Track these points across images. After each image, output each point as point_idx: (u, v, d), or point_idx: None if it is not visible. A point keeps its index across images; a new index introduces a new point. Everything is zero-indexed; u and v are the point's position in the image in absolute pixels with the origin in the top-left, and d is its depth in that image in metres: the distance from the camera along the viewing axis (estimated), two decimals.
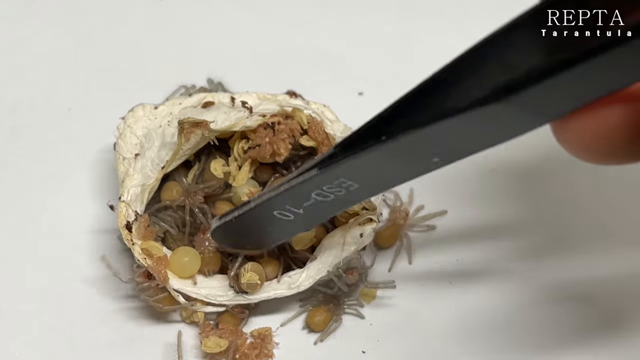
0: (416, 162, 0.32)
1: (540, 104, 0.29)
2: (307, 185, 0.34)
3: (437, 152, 0.31)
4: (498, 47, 0.30)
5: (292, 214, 0.36)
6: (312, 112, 0.41)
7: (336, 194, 0.34)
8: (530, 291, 0.42)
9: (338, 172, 0.33)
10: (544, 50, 0.29)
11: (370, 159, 0.32)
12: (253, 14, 0.53)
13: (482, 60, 0.30)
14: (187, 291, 0.40)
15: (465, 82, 0.30)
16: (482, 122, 0.29)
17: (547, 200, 0.45)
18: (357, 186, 0.34)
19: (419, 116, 0.30)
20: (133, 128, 0.42)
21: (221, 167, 0.41)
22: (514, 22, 0.29)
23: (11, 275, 0.42)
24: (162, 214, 0.41)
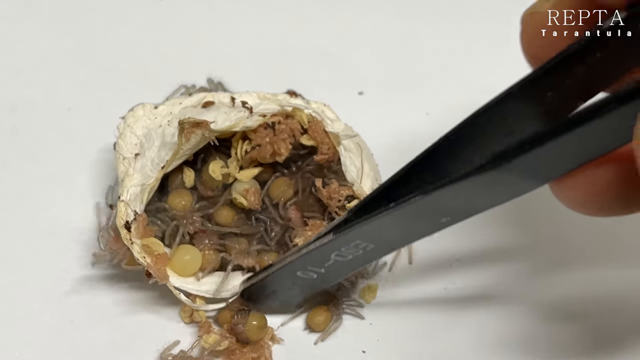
0: (426, 223, 0.34)
1: (535, 168, 0.31)
2: (325, 249, 0.36)
3: (444, 214, 0.33)
4: (494, 116, 0.32)
5: (314, 273, 0.38)
6: (312, 111, 0.41)
7: (354, 254, 0.36)
8: (529, 290, 0.42)
9: (352, 236, 0.35)
10: (537, 118, 0.31)
11: (381, 223, 0.34)
12: (253, 14, 0.53)
13: (480, 129, 0.32)
14: (187, 288, 0.40)
15: (464, 150, 0.33)
16: (483, 187, 0.31)
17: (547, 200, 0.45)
18: (372, 246, 0.36)
19: (423, 184, 0.32)
20: (133, 128, 0.42)
21: (219, 169, 0.41)
22: (509, 90, 0.32)
23: (11, 275, 0.42)
24: (161, 215, 0.41)
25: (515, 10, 0.53)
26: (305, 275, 0.38)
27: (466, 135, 0.33)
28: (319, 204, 0.41)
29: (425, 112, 0.49)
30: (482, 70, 0.50)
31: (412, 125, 0.48)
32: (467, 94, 0.49)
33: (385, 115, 0.49)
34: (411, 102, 0.49)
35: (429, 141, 0.47)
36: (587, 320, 0.41)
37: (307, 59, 0.51)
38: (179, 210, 0.41)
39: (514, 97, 0.32)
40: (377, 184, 0.41)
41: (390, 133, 0.47)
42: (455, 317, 0.41)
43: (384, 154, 0.43)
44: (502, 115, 0.32)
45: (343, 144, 0.40)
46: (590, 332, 0.41)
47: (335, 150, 0.40)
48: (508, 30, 0.52)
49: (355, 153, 0.41)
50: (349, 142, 0.41)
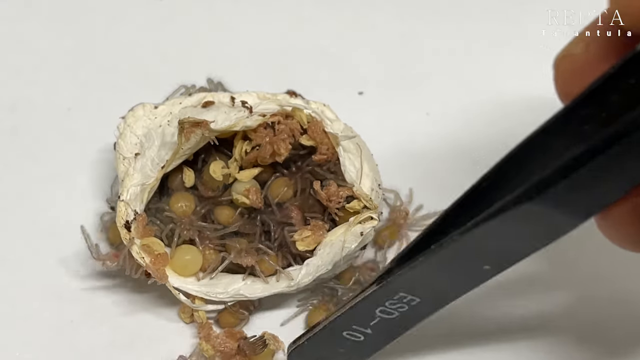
0: (468, 271, 0.33)
1: (573, 199, 0.29)
2: (369, 302, 0.35)
3: (485, 259, 0.32)
4: (530, 154, 0.31)
5: (360, 334, 0.37)
6: (312, 111, 0.41)
7: (399, 310, 0.35)
8: (530, 290, 0.42)
9: (396, 286, 0.34)
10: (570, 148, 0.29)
11: (423, 269, 0.33)
12: (253, 14, 0.53)
13: (516, 168, 0.31)
14: (187, 289, 0.40)
15: (500, 188, 0.31)
16: (519, 223, 0.30)
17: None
18: (418, 300, 0.34)
19: (461, 224, 0.31)
20: (133, 127, 0.42)
21: (220, 170, 0.41)
22: (544, 126, 0.30)
23: (11, 275, 0.42)
24: (161, 215, 0.41)
25: (515, 10, 0.53)
26: (352, 337, 0.36)
27: (503, 174, 0.31)
28: (319, 204, 0.41)
29: (425, 112, 0.49)
30: (482, 70, 0.50)
31: (412, 125, 0.48)
32: (467, 94, 0.49)
33: (385, 115, 0.49)
34: (411, 102, 0.49)
35: (429, 141, 0.47)
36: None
37: (307, 59, 0.51)
38: (179, 214, 0.41)
39: (550, 133, 0.30)
40: (377, 184, 0.41)
41: (390, 133, 0.47)
42: (455, 317, 0.41)
43: (384, 154, 0.43)
44: (539, 152, 0.31)
45: (342, 145, 0.40)
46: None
47: (334, 150, 0.40)
48: (508, 30, 0.52)
49: (355, 153, 0.41)
50: (348, 142, 0.41)
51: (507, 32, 0.52)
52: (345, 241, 0.39)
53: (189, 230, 0.40)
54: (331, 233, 0.40)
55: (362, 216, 0.40)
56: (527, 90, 0.47)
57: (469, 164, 0.46)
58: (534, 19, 0.52)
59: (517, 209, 0.29)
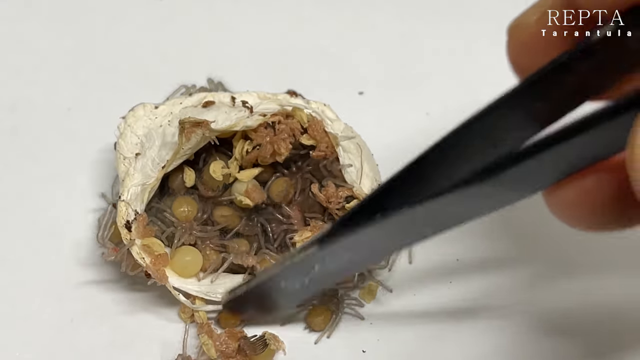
0: (410, 234, 0.34)
1: (523, 181, 0.30)
2: (308, 260, 0.36)
3: (429, 225, 0.33)
4: (482, 127, 0.31)
5: (298, 284, 0.37)
6: (312, 111, 0.41)
7: (337, 263, 0.36)
8: (530, 289, 0.42)
9: (336, 248, 0.35)
10: (526, 129, 0.30)
11: (366, 235, 0.34)
12: (253, 14, 0.53)
13: (468, 140, 0.32)
14: (186, 289, 0.40)
15: (451, 161, 0.32)
16: (470, 199, 0.31)
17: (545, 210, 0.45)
18: (357, 257, 0.35)
19: (408, 196, 0.32)
20: (134, 127, 0.42)
21: (220, 170, 0.41)
22: (496, 101, 0.31)
23: (11, 275, 0.42)
24: (162, 215, 0.41)
25: (516, 11, 0.53)
26: (289, 287, 0.37)
27: (453, 146, 0.32)
28: (320, 204, 0.41)
29: (425, 112, 0.49)
30: (482, 70, 0.50)
31: (412, 125, 0.48)
32: (467, 94, 0.49)
33: (385, 115, 0.49)
34: (411, 102, 0.49)
35: (429, 141, 0.47)
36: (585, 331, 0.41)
37: (307, 59, 0.51)
38: (181, 218, 0.41)
39: (502, 108, 0.31)
40: (377, 184, 0.41)
41: (390, 133, 0.47)
42: (455, 317, 0.41)
43: (384, 154, 0.43)
44: (490, 126, 0.31)
45: (342, 145, 0.40)
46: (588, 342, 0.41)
47: (334, 149, 0.40)
48: None
49: (355, 153, 0.41)
50: (348, 142, 0.41)
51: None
52: None
53: (189, 236, 0.40)
54: None
55: None
56: None
57: None
58: None
59: (465, 189, 0.30)
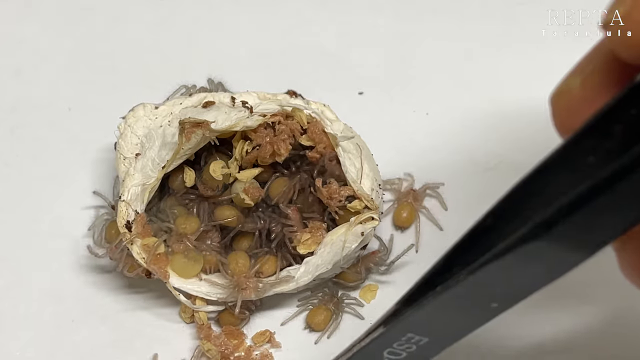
0: (475, 309, 0.32)
1: (580, 235, 0.29)
2: (376, 344, 0.34)
3: (492, 297, 0.32)
4: (534, 188, 0.30)
5: None
6: (312, 112, 0.41)
7: (407, 350, 0.34)
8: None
9: (403, 327, 0.33)
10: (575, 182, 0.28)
11: (430, 310, 0.32)
12: (253, 14, 0.53)
13: (520, 203, 0.31)
14: (187, 289, 0.40)
15: (505, 224, 0.31)
16: (525, 261, 0.30)
17: None
18: (426, 340, 0.34)
19: (466, 264, 0.31)
20: (134, 128, 0.42)
21: (220, 169, 0.41)
22: (547, 159, 0.30)
23: (11, 275, 0.42)
24: (162, 215, 0.41)
25: (515, 10, 0.53)
26: None
27: (507, 211, 0.31)
28: (319, 204, 0.41)
29: (425, 112, 0.49)
30: (481, 70, 0.50)
31: (412, 125, 0.48)
32: (467, 94, 0.49)
33: (385, 115, 0.49)
34: (411, 102, 0.49)
35: (429, 141, 0.47)
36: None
37: (307, 59, 0.51)
38: (180, 231, 0.40)
39: (552, 168, 0.30)
40: (377, 184, 0.41)
41: (390, 133, 0.47)
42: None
43: (384, 154, 0.43)
44: (542, 186, 0.30)
45: (342, 145, 0.40)
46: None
47: (332, 148, 0.40)
48: (508, 30, 0.52)
49: (355, 154, 0.41)
50: (348, 142, 0.41)
51: (507, 33, 0.52)
52: (346, 241, 0.40)
53: (181, 244, 0.40)
54: (332, 233, 0.40)
55: (363, 216, 0.40)
56: (526, 91, 0.47)
57: (469, 164, 0.46)
58: (534, 19, 0.52)
59: (522, 248, 0.29)
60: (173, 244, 0.40)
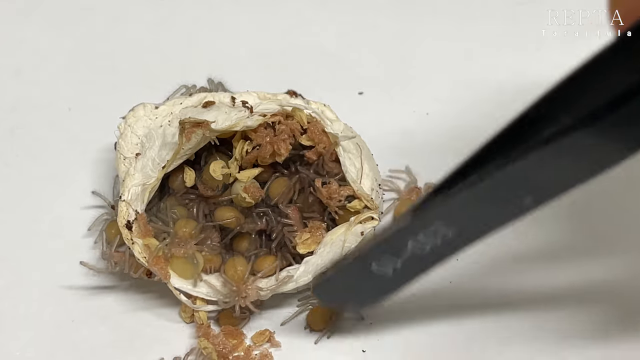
0: (508, 203, 0.31)
1: (623, 131, 0.28)
2: (402, 233, 0.34)
3: (528, 191, 0.31)
4: (581, 80, 0.29)
5: (390, 269, 0.35)
6: (312, 111, 0.41)
7: (432, 243, 0.34)
8: (530, 290, 0.42)
9: (432, 216, 0.33)
10: (625, 77, 0.28)
11: (461, 200, 0.31)
12: (253, 14, 0.53)
13: (568, 96, 0.29)
14: (187, 289, 0.40)
15: (550, 115, 0.30)
16: (567, 154, 0.29)
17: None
18: (452, 233, 0.33)
19: (505, 152, 0.30)
20: (134, 127, 0.42)
21: (220, 169, 0.41)
22: (599, 53, 0.29)
23: (11, 275, 0.42)
24: (162, 214, 0.41)
25: (515, 10, 0.53)
26: (380, 271, 0.35)
27: (551, 104, 0.30)
28: (319, 204, 0.41)
29: (425, 112, 0.49)
30: (481, 70, 0.50)
31: (412, 125, 0.48)
32: (467, 94, 0.49)
33: (385, 115, 0.49)
34: (411, 102, 0.49)
35: (429, 141, 0.47)
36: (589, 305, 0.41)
37: (307, 59, 0.51)
38: (180, 234, 0.40)
39: (602, 62, 0.29)
40: (377, 184, 0.41)
41: (390, 133, 0.47)
42: (456, 316, 0.41)
43: (384, 154, 0.43)
44: (590, 82, 0.29)
45: (342, 145, 0.40)
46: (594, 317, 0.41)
47: (330, 147, 0.40)
48: (508, 30, 0.52)
49: (355, 153, 0.41)
50: (348, 142, 0.41)
51: (507, 32, 0.52)
52: (346, 240, 0.40)
53: (179, 248, 0.40)
54: (331, 232, 0.40)
55: (362, 216, 0.40)
56: (526, 91, 0.47)
57: None
58: (534, 19, 0.52)
59: (567, 139, 0.28)
60: (173, 248, 0.40)
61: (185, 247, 0.40)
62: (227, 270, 0.40)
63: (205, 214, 0.41)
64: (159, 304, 0.41)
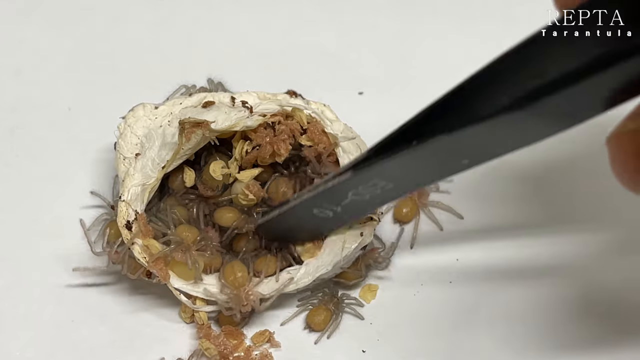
0: (446, 163, 0.33)
1: (564, 110, 0.29)
2: (342, 187, 0.35)
3: (466, 155, 0.32)
4: (523, 57, 0.30)
5: (330, 212, 0.38)
6: (312, 112, 0.41)
7: (372, 193, 0.36)
8: (529, 291, 0.42)
9: (371, 174, 0.34)
10: (567, 58, 0.29)
11: (402, 161, 0.33)
12: (253, 14, 0.53)
13: (508, 69, 0.31)
14: (187, 289, 0.40)
15: (491, 89, 0.31)
16: (507, 127, 0.30)
17: (547, 201, 0.45)
18: (391, 186, 0.35)
19: (448, 122, 0.31)
20: (134, 128, 0.42)
21: (220, 169, 0.41)
22: (537, 33, 0.30)
23: (11, 275, 0.42)
24: (162, 214, 0.41)
25: (515, 10, 0.53)
26: (322, 214, 0.38)
27: (494, 75, 0.31)
28: None
29: None
30: None
31: None
32: None
33: (385, 115, 0.48)
34: (411, 102, 0.49)
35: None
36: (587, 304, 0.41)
37: (307, 59, 0.51)
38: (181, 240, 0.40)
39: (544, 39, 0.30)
40: None
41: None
42: (455, 317, 0.41)
43: None
44: (530, 56, 0.30)
45: (342, 146, 0.40)
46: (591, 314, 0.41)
47: (330, 147, 0.40)
48: (508, 30, 0.52)
49: (355, 154, 0.41)
50: (348, 143, 0.41)
51: (507, 32, 0.52)
52: (345, 242, 0.40)
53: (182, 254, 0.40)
54: (331, 233, 0.40)
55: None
56: None
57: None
58: (534, 19, 0.52)
59: (506, 115, 0.29)
60: (174, 253, 0.39)
61: (187, 253, 0.39)
62: (227, 276, 0.40)
63: (205, 214, 0.41)
64: (159, 304, 0.41)
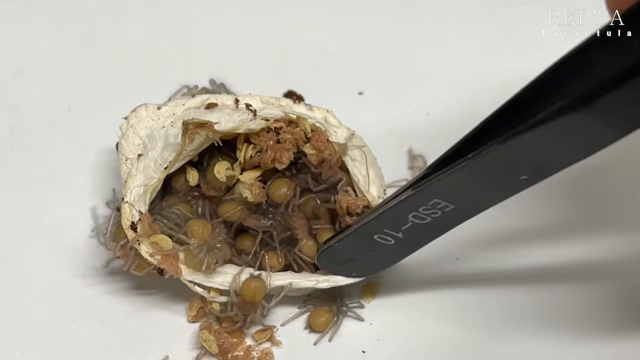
0: (504, 179, 0.33)
1: (619, 112, 0.29)
2: (402, 207, 0.35)
3: (524, 169, 0.32)
4: (576, 65, 0.30)
5: (392, 238, 0.37)
6: (315, 120, 0.41)
7: (432, 216, 0.35)
8: (530, 290, 0.42)
9: (431, 192, 0.34)
10: (620, 57, 0.29)
11: (460, 177, 0.33)
12: (254, 14, 0.53)
13: (562, 79, 0.31)
14: (200, 280, 0.39)
15: (544, 96, 0.31)
16: (561, 134, 0.30)
17: (546, 201, 0.45)
18: (451, 207, 0.35)
19: (501, 132, 0.31)
20: (136, 128, 0.42)
21: (224, 171, 0.40)
22: (591, 39, 0.30)
23: (11, 275, 0.42)
24: (165, 212, 0.41)
25: (515, 10, 0.53)
26: (383, 240, 0.37)
27: (546, 86, 0.31)
28: (327, 210, 0.41)
29: (425, 112, 0.49)
30: (482, 70, 0.50)
31: (412, 125, 0.48)
32: (467, 94, 0.49)
33: (385, 115, 0.49)
34: (411, 102, 0.49)
35: (429, 141, 0.47)
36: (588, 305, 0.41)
37: (307, 59, 0.51)
38: (197, 237, 0.40)
39: (596, 46, 0.30)
40: (382, 189, 0.41)
41: (390, 133, 0.47)
42: (455, 317, 0.41)
43: (384, 154, 0.43)
44: (584, 64, 0.30)
45: (349, 155, 0.40)
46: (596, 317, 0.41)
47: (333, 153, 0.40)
48: (508, 30, 0.52)
49: (361, 161, 0.41)
50: (353, 150, 0.41)
51: (507, 32, 0.52)
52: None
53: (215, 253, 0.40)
54: None
55: None
56: None
57: None
58: (534, 19, 0.52)
59: (561, 119, 0.29)
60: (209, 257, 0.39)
61: (203, 249, 0.40)
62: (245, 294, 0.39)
63: (209, 210, 0.41)
64: (159, 305, 0.41)
